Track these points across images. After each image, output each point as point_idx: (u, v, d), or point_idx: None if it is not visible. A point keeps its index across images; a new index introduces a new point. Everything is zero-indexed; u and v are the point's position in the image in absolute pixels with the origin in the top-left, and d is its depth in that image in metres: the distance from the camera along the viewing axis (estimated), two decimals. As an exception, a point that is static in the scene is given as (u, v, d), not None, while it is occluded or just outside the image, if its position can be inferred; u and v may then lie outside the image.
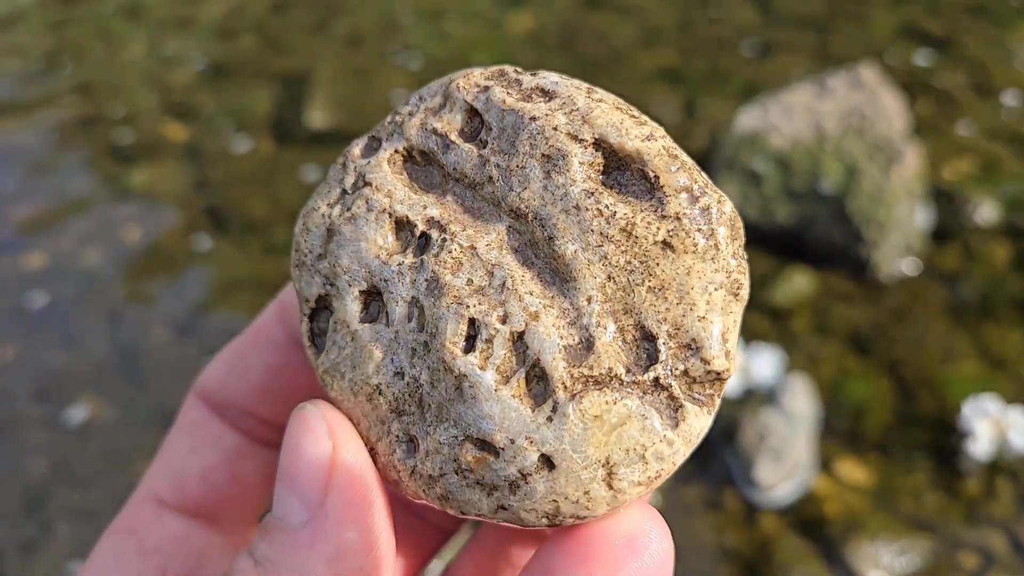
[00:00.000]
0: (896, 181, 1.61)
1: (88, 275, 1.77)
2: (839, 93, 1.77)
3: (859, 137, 1.67)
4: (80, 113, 2.34)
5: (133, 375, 1.54)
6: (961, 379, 1.39)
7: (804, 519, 1.22)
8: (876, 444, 1.32)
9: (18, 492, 1.36)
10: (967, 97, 2.10)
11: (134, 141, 2.20)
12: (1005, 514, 1.21)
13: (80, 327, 1.65)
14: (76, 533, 1.29)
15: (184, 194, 2.01)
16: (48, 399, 1.50)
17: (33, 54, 2.69)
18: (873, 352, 1.46)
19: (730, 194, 1.71)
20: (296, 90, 2.32)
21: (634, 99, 1.62)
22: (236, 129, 2.21)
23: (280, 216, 1.89)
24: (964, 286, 1.57)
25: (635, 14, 2.61)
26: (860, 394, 1.39)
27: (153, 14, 2.89)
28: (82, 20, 2.89)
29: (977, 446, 1.25)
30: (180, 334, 1.62)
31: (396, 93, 2.31)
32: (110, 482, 1.36)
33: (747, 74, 2.26)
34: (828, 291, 1.58)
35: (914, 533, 1.20)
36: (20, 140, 2.25)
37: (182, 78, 2.48)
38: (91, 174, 2.11)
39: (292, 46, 2.59)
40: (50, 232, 1.90)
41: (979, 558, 1.17)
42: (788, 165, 1.68)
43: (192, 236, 1.86)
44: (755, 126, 1.74)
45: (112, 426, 1.45)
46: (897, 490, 1.26)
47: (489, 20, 2.68)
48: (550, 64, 2.39)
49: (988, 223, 1.69)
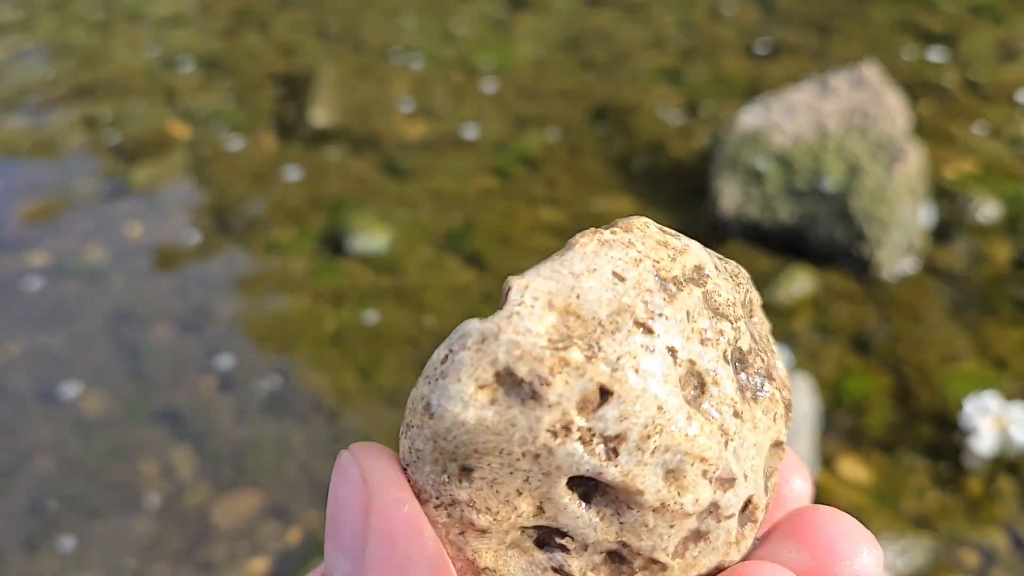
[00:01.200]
0: (898, 180, 1.61)
1: (90, 272, 1.78)
2: (841, 92, 1.77)
3: (861, 136, 1.67)
4: (83, 110, 2.35)
5: (136, 372, 1.54)
6: (962, 377, 1.39)
7: (806, 516, 1.22)
8: (878, 442, 1.32)
9: (22, 489, 1.36)
10: (969, 96, 2.10)
11: (136, 138, 2.21)
12: (1006, 512, 1.21)
13: (83, 324, 1.65)
14: (79, 531, 1.29)
15: (186, 191, 2.01)
16: (52, 397, 1.50)
17: (36, 51, 2.69)
18: (875, 350, 1.46)
19: (732, 193, 1.71)
20: (299, 88, 2.33)
21: (637, 99, 1.62)
22: (239, 127, 2.22)
23: (282, 214, 1.89)
24: (966, 284, 1.57)
25: (638, 14, 2.61)
26: (862, 392, 1.39)
27: (156, 12, 2.90)
28: (85, 17, 2.89)
29: (980, 443, 1.25)
30: (183, 331, 1.62)
31: (400, 97, 2.31)
32: (114, 479, 1.37)
33: (750, 73, 2.27)
34: (830, 289, 1.58)
35: (915, 531, 1.20)
36: (21, 139, 2.26)
37: (185, 76, 2.48)
38: (93, 171, 2.11)
39: (295, 45, 2.60)
40: (52, 229, 1.90)
41: (980, 556, 1.17)
42: (790, 164, 1.68)
43: (194, 233, 1.86)
44: (757, 125, 1.75)
45: (115, 423, 1.45)
46: (898, 488, 1.26)
47: (492, 20, 2.68)
48: (553, 64, 2.39)
49: (990, 221, 1.69)
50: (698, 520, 0.31)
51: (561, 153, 2.02)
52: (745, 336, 0.33)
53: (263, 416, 1.44)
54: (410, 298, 1.65)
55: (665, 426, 0.30)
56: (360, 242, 1.77)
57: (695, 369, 0.31)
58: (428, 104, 2.24)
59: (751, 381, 0.33)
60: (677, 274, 0.32)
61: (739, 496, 0.32)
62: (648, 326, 0.30)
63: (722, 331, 0.32)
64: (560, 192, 1.89)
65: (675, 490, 0.31)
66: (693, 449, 0.30)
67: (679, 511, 0.31)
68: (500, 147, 2.06)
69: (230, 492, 1.33)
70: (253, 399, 1.47)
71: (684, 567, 0.32)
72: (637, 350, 0.30)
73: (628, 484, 0.30)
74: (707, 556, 0.32)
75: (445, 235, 1.80)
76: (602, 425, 0.29)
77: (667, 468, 0.30)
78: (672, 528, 0.31)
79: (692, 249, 0.33)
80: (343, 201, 1.90)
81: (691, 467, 0.30)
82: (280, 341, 1.59)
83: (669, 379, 0.30)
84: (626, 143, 2.03)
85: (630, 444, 0.30)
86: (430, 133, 2.12)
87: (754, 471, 0.32)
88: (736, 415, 0.32)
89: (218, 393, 1.49)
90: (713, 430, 0.31)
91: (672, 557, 0.31)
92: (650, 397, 0.30)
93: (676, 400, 0.30)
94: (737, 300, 0.34)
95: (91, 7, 2.97)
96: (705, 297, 0.32)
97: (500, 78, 2.34)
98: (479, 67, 2.40)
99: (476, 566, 0.31)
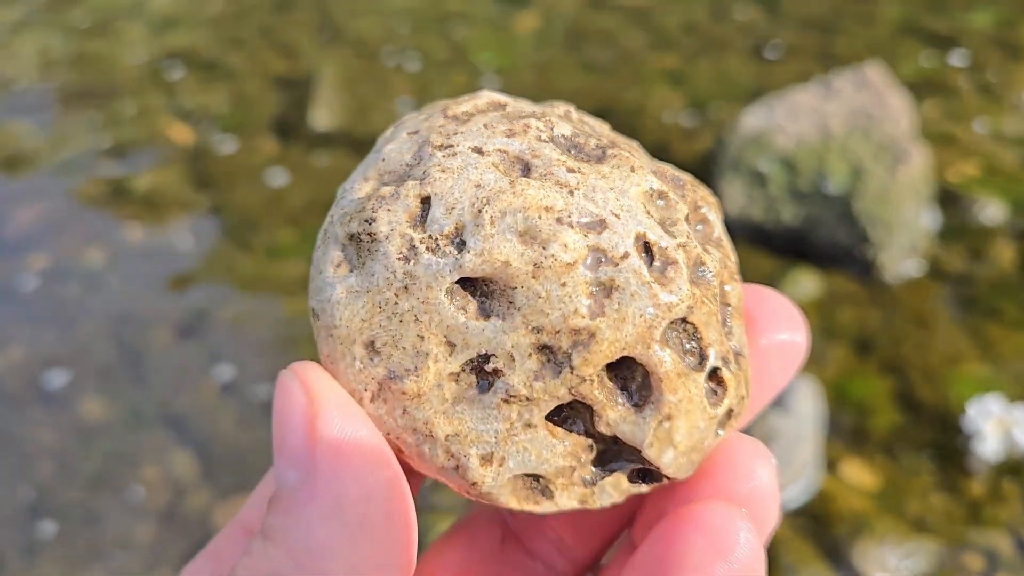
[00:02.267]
0: (902, 181, 1.60)
1: (90, 276, 1.77)
2: (845, 93, 1.77)
3: (865, 137, 1.67)
4: (83, 113, 2.34)
5: (137, 377, 1.54)
6: (967, 379, 1.39)
7: (810, 521, 1.22)
8: (882, 445, 1.31)
9: (22, 494, 1.36)
10: (975, 96, 2.09)
11: (136, 141, 2.21)
12: (1010, 515, 1.21)
13: (82, 329, 1.65)
14: (79, 535, 1.29)
15: (186, 195, 2.01)
16: (51, 400, 1.50)
17: (35, 55, 2.69)
18: (879, 353, 1.46)
19: (735, 195, 1.71)
20: (300, 90, 2.32)
21: (640, 100, 1.61)
22: (238, 130, 2.21)
23: (283, 218, 1.89)
24: (970, 286, 1.57)
25: (641, 15, 2.60)
26: (866, 395, 1.39)
27: (156, 13, 2.89)
28: (84, 19, 2.89)
29: (985, 446, 1.24)
30: (183, 336, 1.62)
31: (401, 99, 2.31)
32: (115, 484, 1.36)
33: (753, 75, 2.26)
34: (834, 292, 1.58)
35: (920, 535, 1.20)
36: (23, 141, 2.26)
37: (185, 78, 2.48)
38: (94, 173, 2.11)
39: (295, 47, 2.59)
40: (51, 232, 1.90)
41: (984, 560, 1.17)
42: (793, 165, 1.68)
43: (193, 237, 1.86)
44: (760, 126, 1.74)
45: (116, 427, 1.45)
46: (903, 491, 1.25)
47: (494, 21, 2.68)
48: (554, 64, 2.39)
49: (995, 223, 1.69)
50: (590, 270, 0.31)
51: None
52: (561, 126, 0.35)
53: (265, 421, 1.44)
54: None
55: (491, 197, 0.31)
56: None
57: (510, 155, 0.33)
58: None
59: (589, 153, 0.34)
60: (467, 109, 0.36)
61: (620, 233, 0.31)
62: (445, 143, 0.33)
63: (528, 126, 0.34)
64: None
65: (538, 246, 0.31)
66: (528, 203, 0.31)
67: (556, 264, 0.31)
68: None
69: (231, 497, 1.33)
70: (254, 403, 1.47)
71: (614, 323, 0.31)
72: (440, 160, 0.33)
73: (490, 262, 0.31)
74: (633, 304, 0.31)
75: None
76: (437, 226, 0.31)
77: (516, 231, 0.31)
78: (565, 287, 0.31)
79: (483, 94, 0.37)
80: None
81: (539, 220, 0.31)
82: (281, 345, 1.59)
83: (479, 165, 0.32)
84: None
85: (469, 227, 0.31)
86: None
87: (626, 211, 0.32)
88: (571, 171, 0.32)
89: (219, 398, 1.49)
90: (546, 185, 0.32)
91: (592, 318, 0.31)
92: (464, 181, 0.32)
93: (493, 175, 0.32)
94: (547, 111, 0.36)
95: (89, 8, 2.97)
96: (506, 115, 0.35)
97: (501, 79, 2.33)
98: (480, 68, 2.40)
99: (438, 439, 0.31)
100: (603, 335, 0.31)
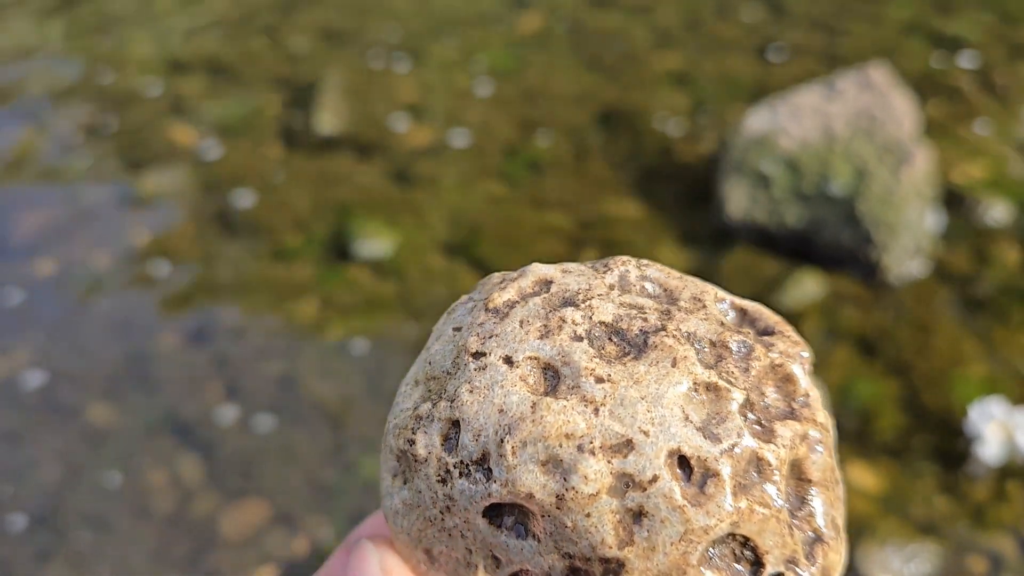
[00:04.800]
0: (906, 183, 1.60)
1: (97, 280, 1.78)
2: (848, 94, 1.76)
3: (868, 139, 1.67)
4: (89, 117, 2.35)
5: (144, 381, 1.55)
6: (971, 382, 1.39)
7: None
8: (885, 448, 1.31)
9: (31, 500, 1.37)
10: (980, 97, 2.08)
11: (143, 145, 2.22)
12: (1014, 518, 1.21)
13: (90, 333, 1.66)
14: (86, 540, 1.30)
15: (193, 198, 2.02)
16: (57, 405, 1.51)
17: (43, 56, 2.70)
18: (882, 355, 1.46)
19: (739, 197, 1.71)
20: (305, 94, 2.33)
21: (642, 101, 1.61)
22: (245, 133, 2.22)
23: (289, 221, 1.90)
24: (974, 288, 1.57)
25: (644, 15, 2.60)
26: (869, 397, 1.39)
27: (162, 15, 2.90)
28: (90, 23, 2.90)
29: (986, 449, 1.24)
30: (190, 340, 1.63)
31: (404, 102, 2.31)
32: (121, 488, 1.37)
33: (757, 76, 2.26)
34: (837, 294, 1.58)
35: (924, 538, 1.20)
36: (28, 145, 2.27)
37: (191, 81, 2.49)
38: (101, 178, 2.12)
39: (300, 50, 2.60)
40: (59, 237, 1.91)
41: (988, 562, 1.17)
42: (797, 167, 1.68)
43: (201, 241, 1.87)
44: (764, 128, 1.74)
45: (123, 432, 1.46)
46: (907, 494, 1.25)
47: (496, 21, 2.68)
48: (557, 64, 2.39)
49: (999, 224, 1.68)
50: (616, 498, 0.30)
51: (567, 157, 2.02)
52: (603, 310, 0.34)
53: (271, 424, 1.44)
54: (415, 303, 1.65)
55: (512, 424, 0.31)
56: (366, 248, 1.78)
57: (540, 362, 0.32)
58: (433, 108, 2.24)
59: (631, 341, 0.33)
60: (509, 297, 0.35)
61: (648, 455, 0.30)
62: (479, 351, 0.33)
63: (563, 320, 0.33)
64: (566, 196, 1.89)
65: (560, 477, 0.30)
66: (548, 431, 0.30)
67: (579, 496, 0.30)
68: (505, 151, 2.06)
69: (237, 501, 1.34)
70: (260, 407, 1.48)
71: (644, 553, 0.30)
72: (470, 375, 0.32)
73: (516, 492, 0.31)
74: (664, 531, 0.29)
75: (450, 240, 1.80)
76: (466, 452, 0.32)
77: (538, 460, 0.30)
78: (590, 517, 0.30)
79: (532, 269, 0.37)
80: (349, 207, 1.91)
81: (560, 448, 0.30)
82: (287, 348, 1.60)
83: (506, 383, 0.32)
84: (632, 147, 2.02)
85: (493, 456, 0.31)
86: (435, 138, 2.12)
87: (659, 424, 0.30)
88: (600, 380, 0.31)
89: (225, 401, 1.49)
90: (569, 406, 0.31)
91: (620, 548, 0.30)
92: (488, 406, 0.32)
93: (517, 396, 0.31)
94: (595, 285, 0.35)
95: (96, 13, 2.98)
96: (547, 301, 0.34)
97: (503, 79, 2.34)
98: (481, 68, 2.40)
99: None
100: (632, 565, 0.30)
